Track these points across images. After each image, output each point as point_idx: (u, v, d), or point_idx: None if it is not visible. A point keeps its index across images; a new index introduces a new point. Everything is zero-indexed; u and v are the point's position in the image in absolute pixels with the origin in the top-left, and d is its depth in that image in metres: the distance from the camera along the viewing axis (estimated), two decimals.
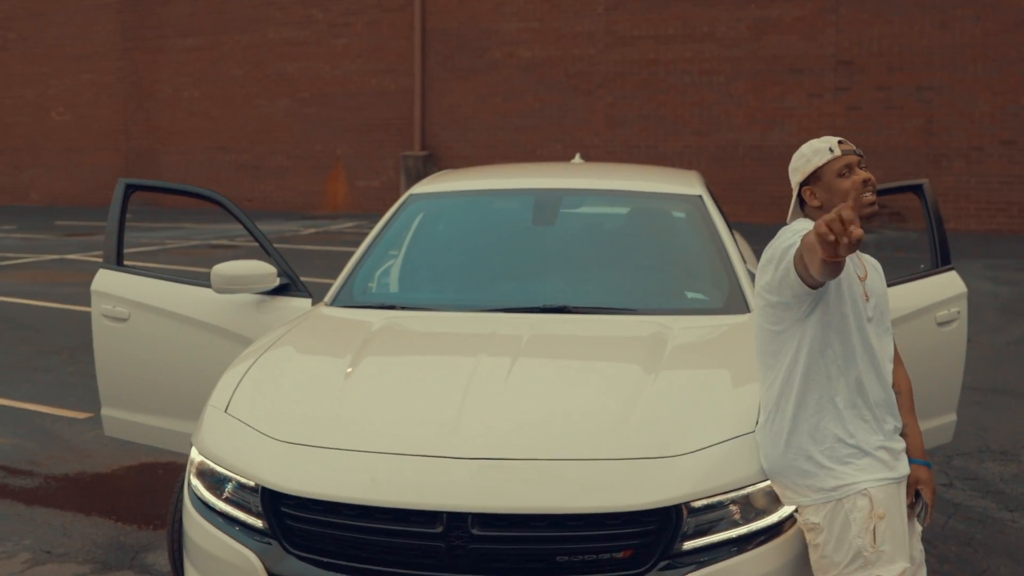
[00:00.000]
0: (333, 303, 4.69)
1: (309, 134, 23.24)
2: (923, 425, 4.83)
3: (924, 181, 5.24)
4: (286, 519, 3.27)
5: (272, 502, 3.28)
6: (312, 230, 19.13)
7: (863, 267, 3.31)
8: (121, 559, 4.93)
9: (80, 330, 9.57)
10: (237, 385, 3.71)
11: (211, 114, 24.17)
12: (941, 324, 5.01)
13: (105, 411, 5.12)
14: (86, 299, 5.75)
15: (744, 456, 3.27)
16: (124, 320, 5.04)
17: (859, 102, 18.60)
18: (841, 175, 3.22)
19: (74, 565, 4.86)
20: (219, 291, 4.76)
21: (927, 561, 4.89)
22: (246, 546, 3.28)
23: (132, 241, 16.58)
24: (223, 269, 4.75)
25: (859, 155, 3.26)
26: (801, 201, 3.33)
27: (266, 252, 5.02)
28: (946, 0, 17.83)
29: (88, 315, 6.81)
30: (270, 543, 3.28)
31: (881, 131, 18.44)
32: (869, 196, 3.20)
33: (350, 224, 20.20)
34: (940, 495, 5.73)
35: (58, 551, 5.02)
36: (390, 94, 22.40)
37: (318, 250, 16.13)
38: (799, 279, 3.03)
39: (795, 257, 3.00)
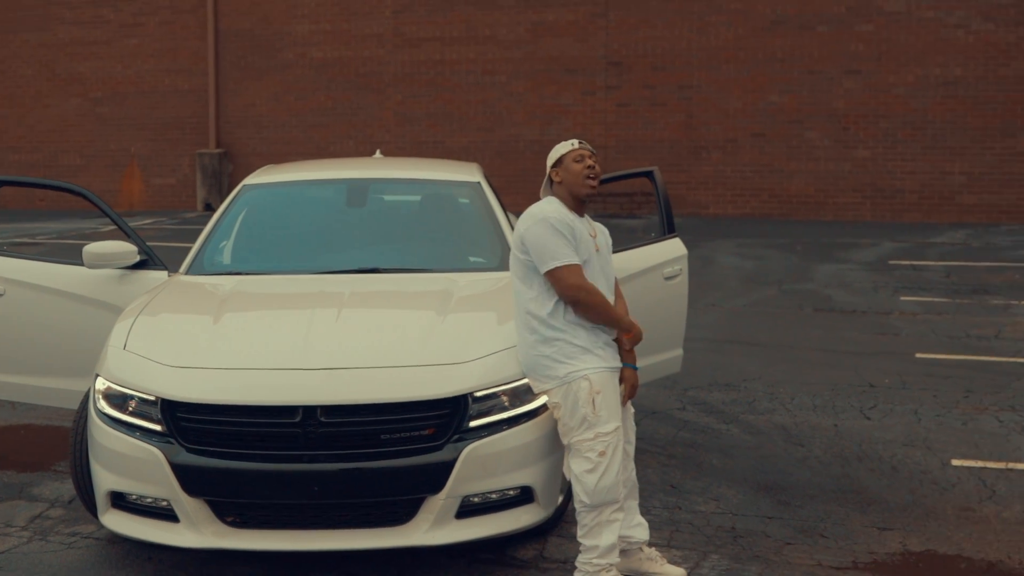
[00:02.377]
0: (188, 272, 5.85)
1: (103, 133, 23.55)
2: (656, 357, 6.35)
3: (654, 168, 6.72)
4: (181, 422, 4.45)
5: (170, 411, 4.47)
6: (110, 227, 19.64)
7: (594, 229, 4.72)
8: (11, 493, 5.92)
9: None
10: (129, 331, 4.87)
11: (0, 114, 24.20)
12: (667, 279, 6.50)
13: None
14: None
15: (510, 363, 4.65)
16: (0, 295, 6.03)
17: (628, 99, 20.36)
18: (576, 161, 4.67)
19: None
20: (91, 267, 5.83)
21: (659, 458, 6.40)
22: (151, 444, 4.46)
23: None
24: (94, 248, 5.83)
25: (593, 152, 4.72)
26: (550, 181, 4.71)
27: (125, 233, 6.10)
28: (703, 7, 19.75)
29: None
30: (169, 441, 4.47)
31: (647, 126, 20.24)
32: (591, 181, 4.64)
33: (148, 221, 20.77)
34: (674, 415, 7.27)
35: None
36: (184, 93, 22.98)
37: None
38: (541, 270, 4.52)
39: (560, 280, 4.45)
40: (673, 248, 6.60)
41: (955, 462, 6.38)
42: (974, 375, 8.37)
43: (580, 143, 4.71)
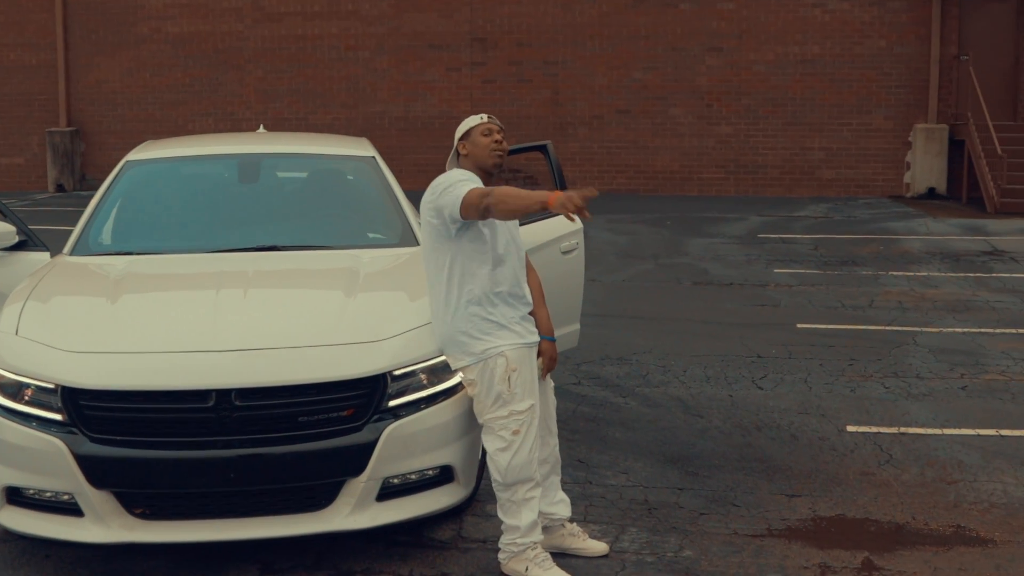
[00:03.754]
0: (72, 253, 5.53)
1: None
2: (556, 332, 6.27)
3: (548, 142, 6.65)
4: (84, 410, 4.19)
5: (71, 399, 4.19)
6: None
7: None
8: None
9: None
10: (20, 315, 4.56)
11: None
12: (565, 253, 6.44)
13: None
14: None
15: (427, 340, 4.51)
16: None
17: (493, 75, 20.29)
18: (484, 135, 4.58)
19: None
20: None
21: (563, 433, 6.35)
22: (53, 435, 4.18)
23: None
24: None
25: (500, 128, 4.65)
26: (457, 154, 4.59)
27: (1, 213, 5.75)
28: None
29: None
30: (72, 431, 4.20)
31: (514, 102, 20.21)
32: (497, 151, 4.56)
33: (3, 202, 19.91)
34: (571, 390, 7.24)
35: None
36: (32, 68, 22.01)
37: None
38: (455, 214, 4.31)
39: (464, 199, 4.26)
40: (569, 222, 6.54)
41: (850, 428, 6.49)
42: (855, 343, 8.56)
43: (489, 118, 4.65)
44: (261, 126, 7.62)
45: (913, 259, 12.69)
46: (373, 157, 6.31)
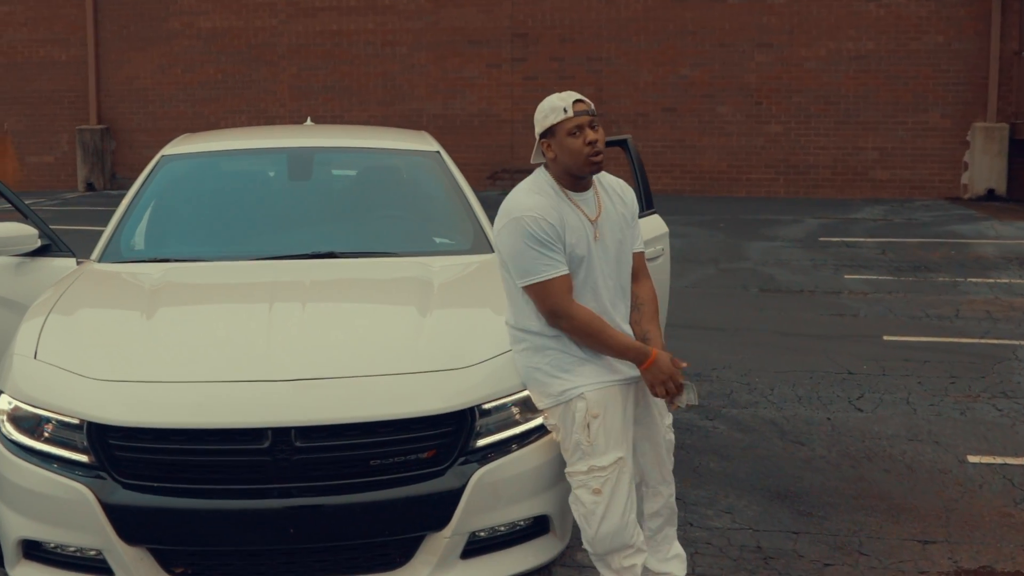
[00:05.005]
0: (102, 260, 4.85)
1: None
2: None
3: (628, 137, 5.95)
4: (114, 451, 3.50)
5: (99, 436, 3.50)
6: (3, 206, 18.21)
7: (597, 206, 3.79)
8: None
9: None
10: (40, 334, 3.87)
11: None
12: (650, 260, 5.73)
13: None
14: None
15: (511, 368, 3.78)
16: None
17: (535, 72, 19.58)
18: (571, 135, 3.64)
19: None
20: None
21: None
22: (76, 480, 3.48)
23: None
24: None
25: (592, 115, 3.69)
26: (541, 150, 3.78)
27: (22, 214, 5.09)
28: None
29: None
30: (101, 476, 3.50)
31: None
32: (595, 158, 3.67)
33: (26, 202, 19.34)
34: None
35: None
36: (61, 65, 21.47)
37: None
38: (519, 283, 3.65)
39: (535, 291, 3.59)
40: (655, 225, 5.87)
41: (972, 459, 5.75)
42: (951, 358, 7.80)
43: (578, 103, 3.67)
44: (309, 119, 6.93)
45: (989, 265, 11.88)
46: (437, 152, 5.60)
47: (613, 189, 3.91)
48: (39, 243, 4.96)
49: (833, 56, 18.72)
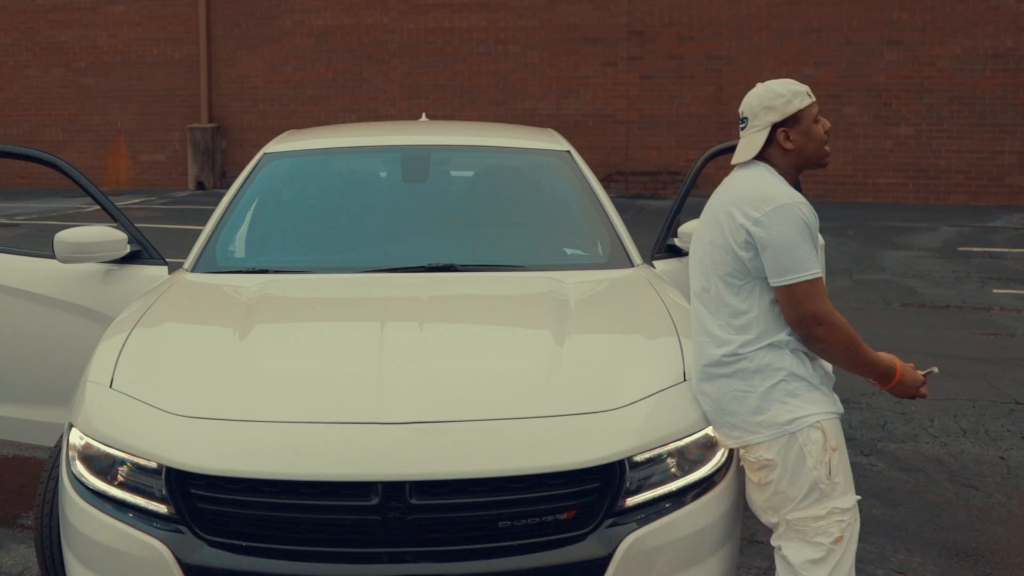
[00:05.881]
0: (195, 269, 4.33)
1: (87, 106, 21.98)
2: None
3: None
4: (197, 502, 2.96)
5: (180, 484, 2.97)
6: (96, 208, 18.12)
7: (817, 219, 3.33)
8: None
9: None
10: (118, 358, 3.35)
11: None
12: None
13: None
14: None
15: (677, 407, 3.17)
16: None
17: (652, 71, 18.93)
18: (816, 121, 3.28)
19: None
20: (64, 260, 4.35)
21: None
22: (152, 535, 2.95)
23: None
24: (68, 236, 4.35)
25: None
26: (771, 142, 3.24)
27: (112, 217, 4.62)
28: None
29: None
30: (180, 530, 2.97)
31: (673, 100, 18.83)
32: (827, 154, 3.33)
33: (136, 200, 19.24)
34: None
35: None
36: (174, 63, 21.42)
37: None
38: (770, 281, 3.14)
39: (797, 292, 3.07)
40: None
41: None
42: None
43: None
44: (424, 115, 6.38)
45: None
46: (568, 152, 4.97)
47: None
48: (128, 249, 4.48)
49: (968, 54, 17.72)
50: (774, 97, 3.22)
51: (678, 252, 4.62)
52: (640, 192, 18.47)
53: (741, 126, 3.30)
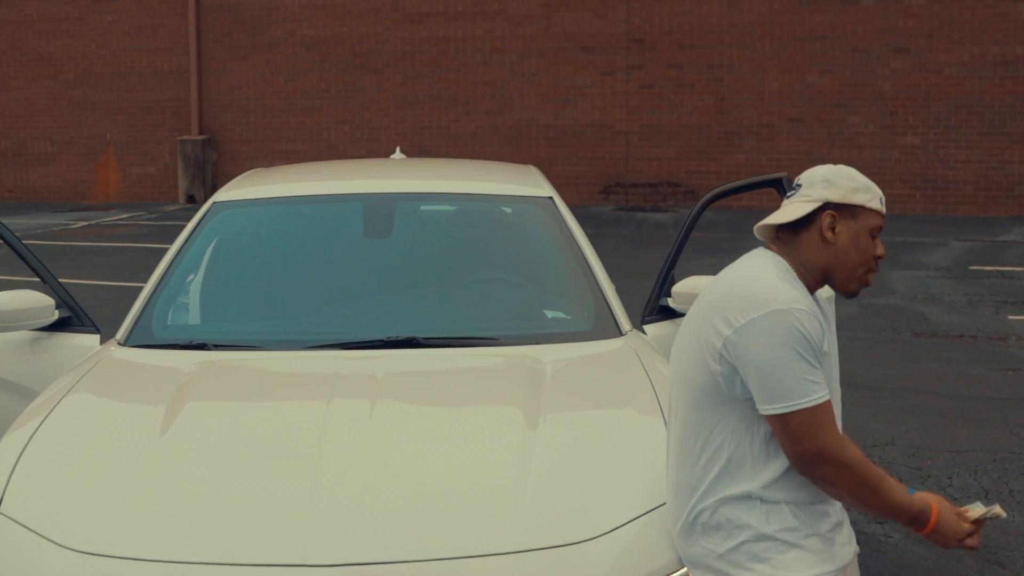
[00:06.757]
0: (127, 342, 3.85)
1: (75, 118, 21.56)
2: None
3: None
4: None
5: None
6: (82, 223, 17.71)
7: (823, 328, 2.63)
8: None
9: None
10: (15, 465, 2.87)
11: None
12: None
13: None
14: None
15: (660, 535, 2.68)
16: None
17: (651, 80, 18.52)
18: (873, 236, 2.65)
19: None
20: None
21: None
22: None
23: None
24: None
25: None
26: (808, 221, 2.65)
27: (40, 278, 4.15)
28: None
29: None
30: None
31: (673, 109, 18.43)
32: (871, 276, 2.69)
33: (124, 215, 18.82)
34: None
35: None
36: (163, 74, 21.00)
37: (92, 246, 14.89)
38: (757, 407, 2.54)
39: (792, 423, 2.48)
40: None
41: None
42: None
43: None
44: (398, 149, 5.90)
45: None
46: (550, 198, 4.47)
47: (821, 297, 2.76)
48: (56, 315, 4.01)
49: (976, 62, 17.29)
50: (843, 177, 2.65)
51: (672, 314, 4.14)
52: (640, 204, 18.05)
53: (790, 193, 2.71)
